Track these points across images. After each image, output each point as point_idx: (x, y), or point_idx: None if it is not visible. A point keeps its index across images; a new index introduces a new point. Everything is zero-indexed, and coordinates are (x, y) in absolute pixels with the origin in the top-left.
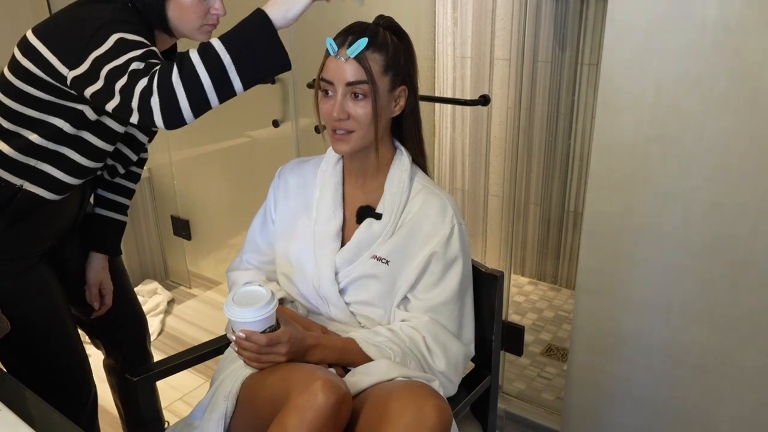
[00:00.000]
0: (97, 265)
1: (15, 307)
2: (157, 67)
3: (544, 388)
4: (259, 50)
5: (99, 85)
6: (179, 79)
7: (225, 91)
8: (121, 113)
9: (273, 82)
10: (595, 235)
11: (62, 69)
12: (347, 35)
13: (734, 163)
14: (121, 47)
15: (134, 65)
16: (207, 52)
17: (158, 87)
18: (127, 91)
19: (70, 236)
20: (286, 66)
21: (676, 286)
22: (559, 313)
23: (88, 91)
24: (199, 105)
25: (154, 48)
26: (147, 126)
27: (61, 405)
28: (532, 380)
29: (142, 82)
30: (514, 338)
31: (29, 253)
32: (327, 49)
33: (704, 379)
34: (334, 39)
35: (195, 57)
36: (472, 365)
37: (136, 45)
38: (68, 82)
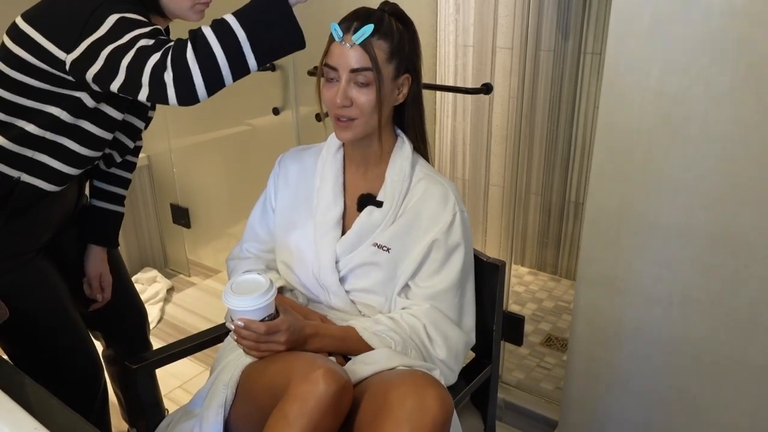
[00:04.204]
0: (96, 258)
1: (17, 302)
2: (171, 43)
3: (543, 378)
4: (274, 27)
5: (99, 65)
6: (194, 56)
7: (239, 69)
8: (128, 90)
9: (273, 69)
10: (597, 225)
11: (59, 54)
12: (353, 21)
13: (738, 154)
14: (124, 26)
15: (143, 42)
16: (222, 28)
17: (173, 63)
18: (135, 67)
19: (67, 228)
20: (300, 44)
21: (677, 277)
22: (559, 304)
23: (89, 73)
24: (214, 82)
25: (158, 26)
26: (156, 102)
27: (72, 397)
28: (532, 370)
29: (155, 57)
30: (514, 328)
31: (27, 248)
32: (331, 35)
33: (704, 371)
34: (339, 24)
35: (209, 34)
36: (472, 354)
37: (139, 23)
38: (67, 67)
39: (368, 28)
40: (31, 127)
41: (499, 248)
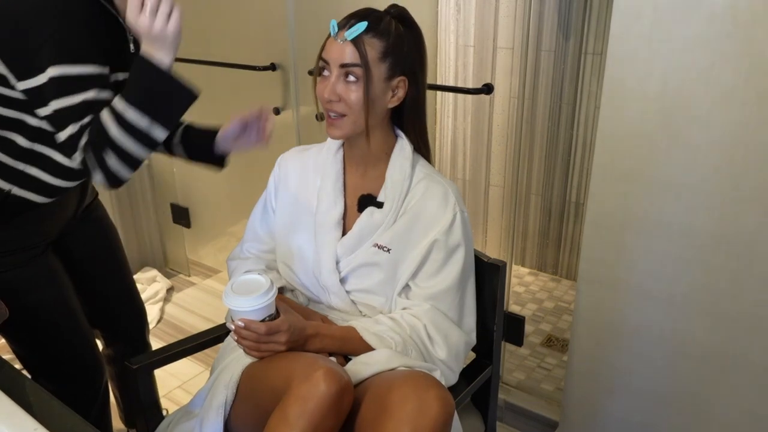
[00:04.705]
0: (230, 131)
1: (23, 298)
2: (90, 148)
3: (543, 378)
4: (169, 98)
5: (46, 112)
6: (117, 160)
7: (153, 146)
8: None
9: (274, 69)
10: (598, 225)
11: (10, 77)
12: (350, 18)
13: (740, 156)
14: (60, 88)
15: (70, 129)
16: (126, 123)
17: (101, 169)
18: (70, 150)
19: (71, 226)
20: (194, 96)
21: (678, 278)
22: (560, 304)
23: (39, 112)
24: (138, 165)
25: (88, 96)
26: None
27: (75, 395)
28: (532, 371)
29: (78, 156)
30: (514, 328)
31: (34, 243)
32: (330, 31)
33: (705, 372)
34: (339, 22)
35: (119, 134)
36: (473, 355)
37: (73, 88)
38: (18, 91)
39: (361, 26)
40: (20, 140)
41: (500, 248)
